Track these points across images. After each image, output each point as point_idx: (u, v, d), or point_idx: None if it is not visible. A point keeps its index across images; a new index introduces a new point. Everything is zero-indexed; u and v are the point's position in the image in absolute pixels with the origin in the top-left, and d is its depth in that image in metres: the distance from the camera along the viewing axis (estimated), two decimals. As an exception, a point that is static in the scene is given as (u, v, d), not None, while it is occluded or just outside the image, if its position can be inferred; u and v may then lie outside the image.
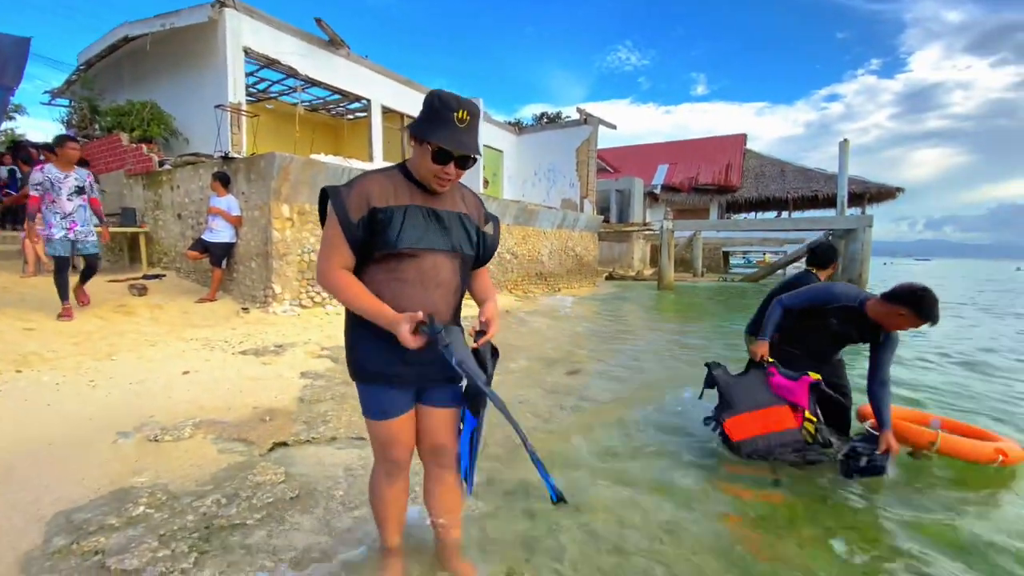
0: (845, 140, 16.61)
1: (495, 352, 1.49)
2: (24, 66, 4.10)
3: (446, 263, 1.45)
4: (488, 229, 1.58)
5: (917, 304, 2.33)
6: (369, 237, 1.37)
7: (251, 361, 4.13)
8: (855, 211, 20.89)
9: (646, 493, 2.40)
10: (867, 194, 22.39)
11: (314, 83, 9.38)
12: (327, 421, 3.05)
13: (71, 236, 4.58)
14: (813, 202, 23.47)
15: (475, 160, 1.40)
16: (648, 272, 18.91)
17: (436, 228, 1.42)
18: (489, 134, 13.74)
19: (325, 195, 1.41)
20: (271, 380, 3.74)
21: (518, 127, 15.84)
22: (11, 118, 14.86)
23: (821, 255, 3.36)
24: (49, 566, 1.67)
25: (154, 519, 1.95)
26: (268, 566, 1.73)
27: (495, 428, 2.70)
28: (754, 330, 3.41)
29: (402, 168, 1.46)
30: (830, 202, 21.63)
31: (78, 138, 5.07)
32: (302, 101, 10.65)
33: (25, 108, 16.21)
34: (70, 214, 4.56)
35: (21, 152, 8.35)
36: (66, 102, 10.24)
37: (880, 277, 19.07)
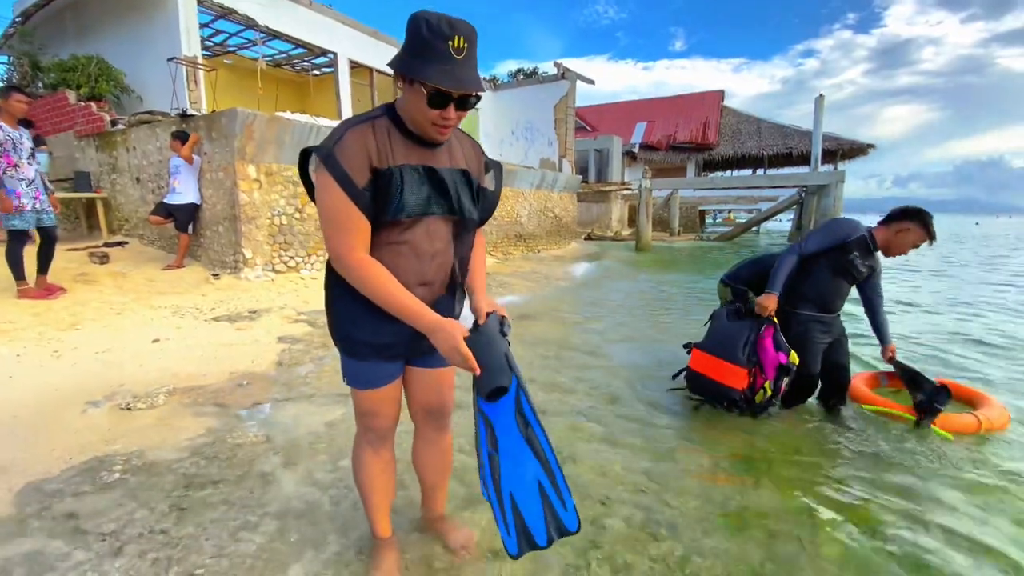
0: (820, 96, 16.61)
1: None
2: None
3: (443, 229, 1.28)
4: (488, 183, 1.38)
5: (921, 216, 2.48)
6: (376, 199, 1.17)
7: (225, 328, 4.02)
8: (828, 168, 21.18)
9: (625, 444, 2.45)
10: (840, 151, 22.63)
11: (275, 35, 8.81)
12: (307, 383, 3.01)
13: (38, 206, 4.13)
14: (788, 159, 23.64)
15: (479, 98, 1.17)
16: (626, 232, 18.97)
17: (434, 190, 1.23)
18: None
19: (304, 158, 1.17)
20: (247, 346, 3.65)
21: (494, 83, 15.30)
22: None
23: None
24: (21, 533, 1.62)
25: (131, 483, 1.91)
26: (252, 520, 1.71)
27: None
28: (729, 280, 3.43)
29: (391, 113, 1.21)
30: (804, 159, 21.84)
31: (25, 90, 4.46)
32: (263, 55, 10.03)
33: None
34: (33, 181, 4.11)
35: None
36: (4, 59, 9.45)
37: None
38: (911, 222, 2.49)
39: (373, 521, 1.53)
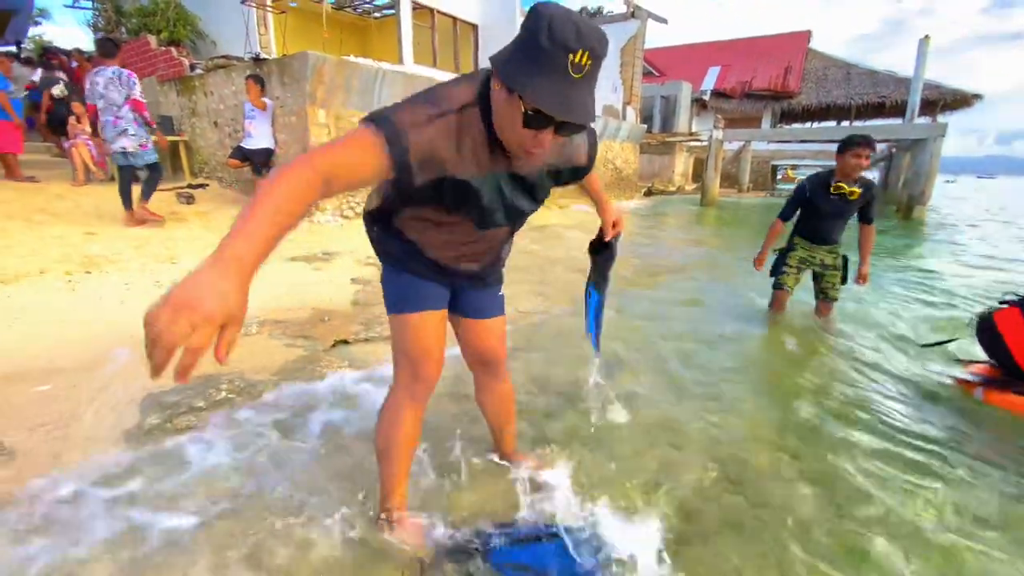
0: (926, 37, 14.63)
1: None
2: None
3: (503, 231, 1.24)
4: (581, 157, 1.20)
5: None
6: (431, 197, 1.05)
7: (303, 267, 4.22)
8: (925, 120, 18.98)
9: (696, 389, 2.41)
10: (941, 101, 20.03)
11: (339, -25, 8.70)
12: (382, 323, 3.13)
13: (128, 148, 4.56)
14: (879, 110, 21.25)
15: (584, 128, 0.97)
16: (689, 187, 18.08)
17: (519, 198, 1.13)
18: (526, 33, 12.72)
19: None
20: (324, 285, 3.83)
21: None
22: (36, 23, 14.54)
23: None
24: (148, 440, 1.82)
25: (236, 402, 2.08)
26: (344, 444, 1.84)
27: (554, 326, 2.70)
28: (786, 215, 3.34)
29: (483, 106, 0.98)
30: (898, 110, 19.59)
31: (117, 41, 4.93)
32: (327, -3, 9.95)
33: (49, 12, 15.84)
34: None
35: (50, 58, 8.32)
36: (89, 4, 9.91)
37: (944, 197, 17.64)
38: None
39: (392, 490, 1.37)
